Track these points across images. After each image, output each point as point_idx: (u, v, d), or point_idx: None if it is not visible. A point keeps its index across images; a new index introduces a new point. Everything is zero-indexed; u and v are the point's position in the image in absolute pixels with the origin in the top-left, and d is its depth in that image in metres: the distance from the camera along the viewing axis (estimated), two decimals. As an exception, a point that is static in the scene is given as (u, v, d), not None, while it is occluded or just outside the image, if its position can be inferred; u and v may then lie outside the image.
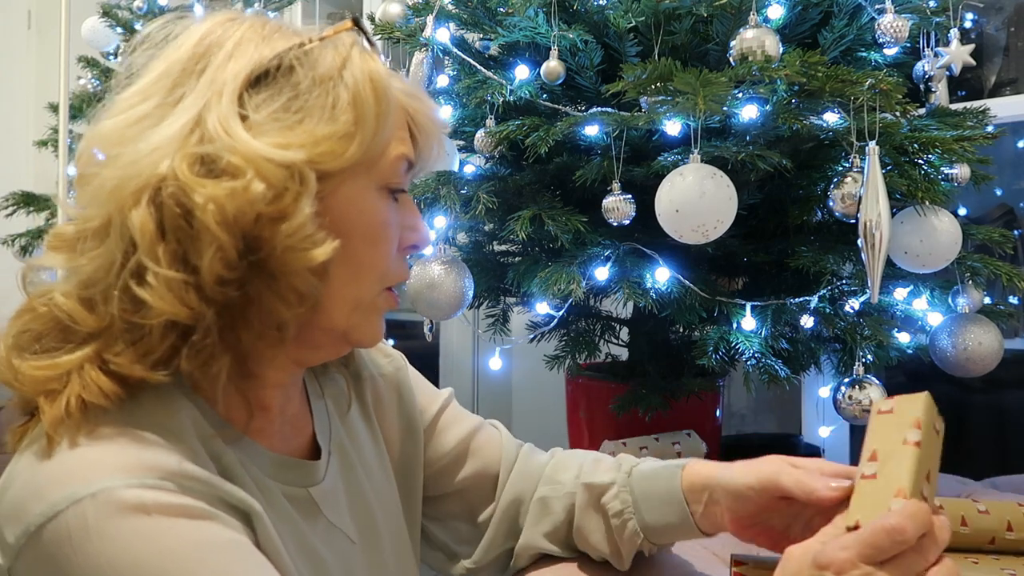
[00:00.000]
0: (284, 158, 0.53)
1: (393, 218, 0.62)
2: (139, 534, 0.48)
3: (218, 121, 0.54)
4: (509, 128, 1.22)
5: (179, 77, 0.57)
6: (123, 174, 0.53)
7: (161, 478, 0.50)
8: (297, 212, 0.53)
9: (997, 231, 1.24)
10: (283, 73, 0.57)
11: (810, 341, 1.33)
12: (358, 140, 0.57)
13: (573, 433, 1.63)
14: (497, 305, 1.56)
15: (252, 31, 0.59)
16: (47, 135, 2.56)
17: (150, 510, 0.48)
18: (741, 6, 1.12)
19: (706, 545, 0.99)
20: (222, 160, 0.53)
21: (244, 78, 0.56)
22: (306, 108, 0.56)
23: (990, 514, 0.97)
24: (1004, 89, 1.77)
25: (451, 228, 1.32)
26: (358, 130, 0.57)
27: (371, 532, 0.70)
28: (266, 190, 0.52)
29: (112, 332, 0.54)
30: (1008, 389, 1.85)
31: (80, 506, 0.48)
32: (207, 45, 0.58)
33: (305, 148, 0.54)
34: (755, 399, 2.23)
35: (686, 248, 1.14)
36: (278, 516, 0.59)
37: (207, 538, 0.50)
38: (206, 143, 0.53)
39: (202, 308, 0.52)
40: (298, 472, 0.64)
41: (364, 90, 0.58)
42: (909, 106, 1.11)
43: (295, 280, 0.54)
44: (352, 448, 0.72)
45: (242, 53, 0.57)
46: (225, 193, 0.52)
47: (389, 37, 1.37)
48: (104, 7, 2.27)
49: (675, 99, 1.03)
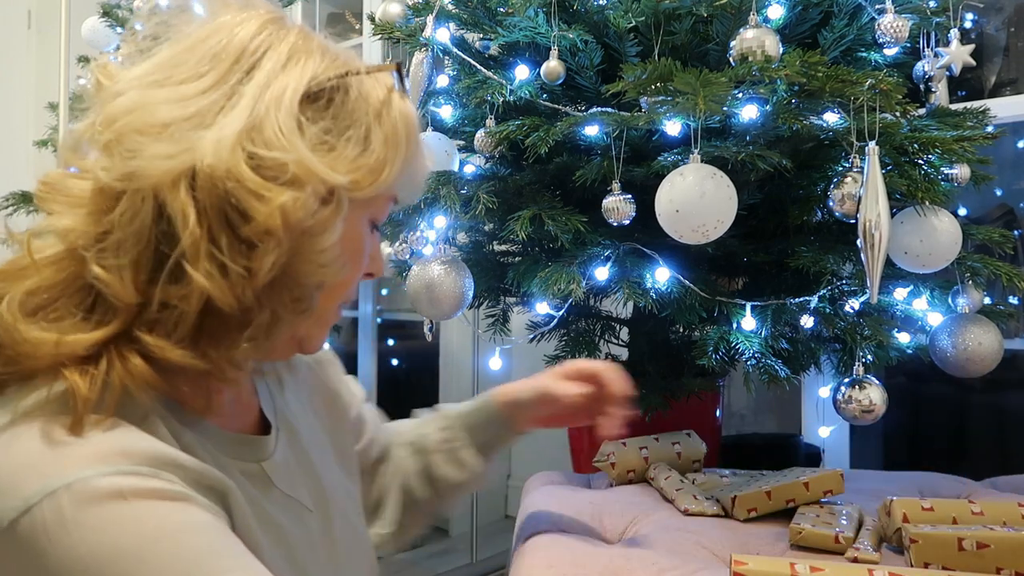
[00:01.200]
0: (333, 179, 0.57)
1: (369, 248, 0.66)
2: (117, 521, 0.48)
3: (280, 129, 0.56)
4: (509, 128, 1.23)
5: (229, 70, 0.58)
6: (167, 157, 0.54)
7: (136, 463, 0.50)
8: (332, 231, 0.57)
9: (997, 231, 1.24)
10: (330, 97, 0.60)
11: (810, 341, 1.33)
12: (383, 176, 0.60)
13: (573, 433, 1.63)
14: (497, 305, 1.56)
15: (301, 42, 0.61)
16: (47, 135, 2.56)
17: (127, 495, 0.48)
18: (741, 6, 1.12)
19: (706, 545, 0.99)
20: (287, 170, 0.55)
21: (304, 91, 0.58)
22: (346, 135, 0.59)
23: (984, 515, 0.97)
24: (1004, 89, 1.77)
25: (451, 228, 1.32)
26: (385, 167, 0.61)
27: (323, 500, 0.73)
28: (320, 207, 0.56)
29: (149, 310, 0.54)
30: (1008, 389, 1.85)
31: (55, 498, 0.48)
32: (258, 44, 0.59)
33: (344, 174, 0.58)
34: (755, 399, 2.23)
35: (686, 248, 1.14)
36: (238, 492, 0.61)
37: (184, 521, 0.50)
38: (267, 148, 0.55)
39: (253, 303, 0.55)
40: (251, 448, 0.66)
41: (399, 132, 0.62)
42: (909, 106, 1.11)
43: (303, 292, 0.58)
44: (295, 422, 0.75)
45: (297, 64, 0.59)
46: (291, 201, 0.54)
47: (389, 37, 1.37)
48: (104, 7, 2.27)
49: (675, 99, 1.03)
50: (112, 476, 0.49)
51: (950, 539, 0.86)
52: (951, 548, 0.86)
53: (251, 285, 0.54)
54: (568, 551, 0.96)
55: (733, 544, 1.01)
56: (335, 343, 2.89)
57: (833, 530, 0.98)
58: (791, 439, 1.89)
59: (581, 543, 1.00)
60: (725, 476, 1.26)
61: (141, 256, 0.54)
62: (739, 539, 1.02)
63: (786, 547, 1.00)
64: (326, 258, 0.57)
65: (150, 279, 0.54)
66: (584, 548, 0.98)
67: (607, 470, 1.28)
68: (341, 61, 0.62)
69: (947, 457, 1.94)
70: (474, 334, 2.15)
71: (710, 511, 1.10)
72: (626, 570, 0.91)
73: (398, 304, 2.89)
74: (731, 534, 1.03)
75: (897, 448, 1.98)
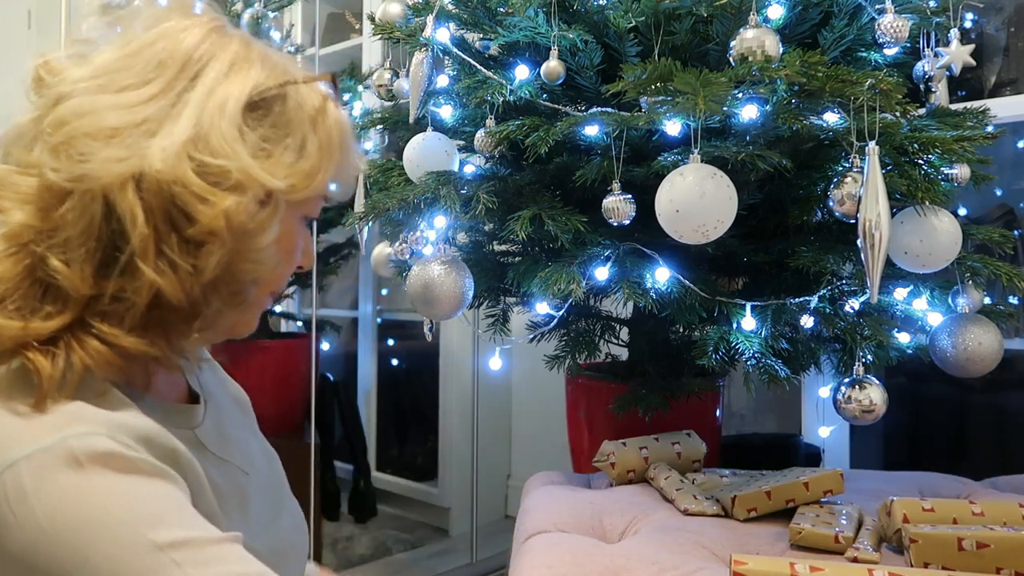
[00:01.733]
0: (272, 184, 0.61)
1: (301, 242, 0.71)
2: (72, 490, 0.51)
3: (224, 137, 0.60)
4: (509, 128, 1.22)
5: (175, 77, 0.62)
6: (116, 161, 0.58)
7: (93, 427, 0.54)
8: (269, 231, 0.62)
9: (997, 231, 1.24)
10: (275, 103, 0.64)
11: (810, 341, 1.33)
12: (317, 180, 0.65)
13: (573, 433, 1.63)
14: (497, 305, 1.56)
15: (243, 50, 0.65)
16: (47, 135, 2.56)
17: (83, 463, 0.52)
18: (741, 6, 1.12)
19: (706, 545, 0.99)
20: (231, 176, 0.59)
21: (246, 99, 0.62)
22: (284, 142, 0.64)
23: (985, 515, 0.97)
24: (1004, 89, 1.77)
25: (451, 228, 1.32)
26: (319, 172, 0.65)
27: (253, 465, 0.77)
28: (259, 209, 0.61)
29: (101, 301, 0.59)
30: (1008, 389, 1.85)
31: (15, 469, 0.51)
32: (201, 53, 0.63)
33: (282, 179, 0.62)
34: (755, 399, 2.23)
35: (686, 248, 1.14)
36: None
37: (138, 488, 0.53)
38: (212, 155, 0.59)
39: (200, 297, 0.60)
40: (184, 415, 0.70)
41: (333, 138, 0.66)
42: (909, 106, 1.11)
43: (240, 286, 0.63)
44: (216, 394, 0.80)
45: (240, 72, 0.63)
46: (234, 205, 0.59)
47: (389, 37, 1.37)
48: (104, 7, 2.27)
49: (675, 99, 1.03)
50: (70, 441, 0.53)
51: (950, 539, 0.86)
52: (951, 548, 0.86)
53: (198, 281, 0.59)
54: (568, 551, 0.96)
55: (733, 544, 1.01)
56: (335, 343, 2.89)
57: (833, 530, 0.98)
58: (791, 439, 1.89)
59: (581, 543, 1.00)
60: (725, 476, 1.26)
61: (92, 251, 0.58)
62: (739, 539, 1.02)
63: (786, 547, 1.00)
64: (263, 256, 0.62)
65: (101, 273, 0.59)
66: (584, 548, 0.98)
67: (607, 470, 1.28)
68: (280, 70, 0.66)
69: (947, 457, 1.94)
70: (474, 334, 2.15)
71: (710, 511, 1.10)
72: (626, 570, 0.91)
73: (398, 304, 2.89)
74: (731, 534, 1.03)
75: (897, 448, 1.98)
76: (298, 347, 2.43)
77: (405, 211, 1.33)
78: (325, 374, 2.66)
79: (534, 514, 1.12)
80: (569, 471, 1.47)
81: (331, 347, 2.79)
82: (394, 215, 1.34)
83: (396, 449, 2.81)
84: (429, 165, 1.32)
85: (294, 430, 2.46)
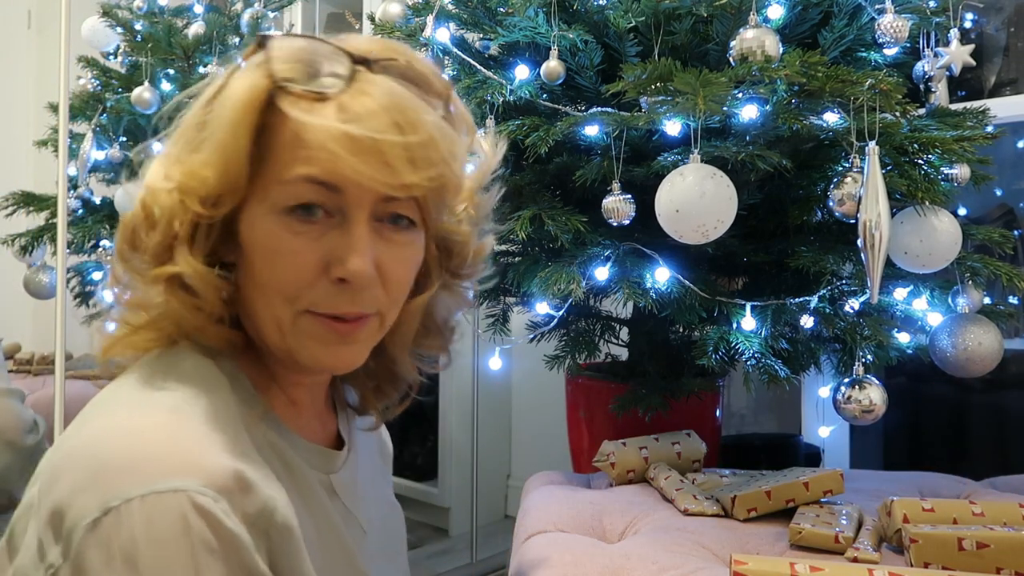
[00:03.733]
0: (164, 187, 0.60)
1: (301, 245, 0.58)
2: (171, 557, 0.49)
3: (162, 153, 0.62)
4: (509, 128, 1.22)
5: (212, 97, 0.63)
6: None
7: (219, 490, 0.52)
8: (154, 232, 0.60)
9: (997, 231, 1.24)
10: (186, 105, 0.63)
11: (810, 341, 1.33)
12: (216, 168, 0.58)
13: (573, 433, 1.63)
14: (497, 305, 1.56)
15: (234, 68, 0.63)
16: (47, 135, 2.55)
17: (191, 526, 0.50)
18: (741, 6, 1.12)
19: (706, 545, 0.99)
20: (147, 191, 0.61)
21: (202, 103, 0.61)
22: (185, 138, 0.61)
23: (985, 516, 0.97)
24: (1004, 89, 1.77)
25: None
26: (217, 158, 0.57)
27: (377, 530, 0.75)
28: (144, 215, 0.60)
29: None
30: (1008, 389, 1.85)
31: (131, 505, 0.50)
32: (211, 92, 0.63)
33: (176, 179, 0.59)
34: (755, 399, 2.23)
35: (686, 248, 1.14)
36: (310, 498, 0.64)
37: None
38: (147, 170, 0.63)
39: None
40: (322, 458, 0.68)
41: (221, 117, 0.58)
42: (909, 106, 1.11)
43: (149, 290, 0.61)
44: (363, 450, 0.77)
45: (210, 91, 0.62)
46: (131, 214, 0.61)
47: (389, 37, 1.37)
48: (104, 7, 2.27)
49: (675, 99, 1.03)
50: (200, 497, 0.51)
51: (950, 539, 0.86)
52: (951, 548, 0.86)
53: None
54: (568, 551, 0.96)
55: (733, 544, 1.01)
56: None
57: (833, 530, 0.98)
58: (791, 439, 1.89)
59: (581, 543, 1.00)
60: (725, 476, 1.26)
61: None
62: (739, 539, 1.02)
63: (786, 547, 1.00)
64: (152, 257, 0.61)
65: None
66: (584, 548, 0.98)
67: (607, 470, 1.28)
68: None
69: (947, 457, 1.94)
70: (474, 334, 2.15)
71: (710, 511, 1.10)
72: (626, 570, 0.91)
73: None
74: (731, 534, 1.03)
75: (897, 448, 1.98)
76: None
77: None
78: (325, 374, 2.66)
79: (534, 514, 1.12)
80: (569, 471, 1.47)
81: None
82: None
83: (396, 449, 2.80)
84: (429, 165, 1.32)
85: (294, 430, 2.45)
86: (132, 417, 0.55)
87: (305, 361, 0.62)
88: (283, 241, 0.58)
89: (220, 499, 0.51)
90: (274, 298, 0.60)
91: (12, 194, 2.46)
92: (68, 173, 1.91)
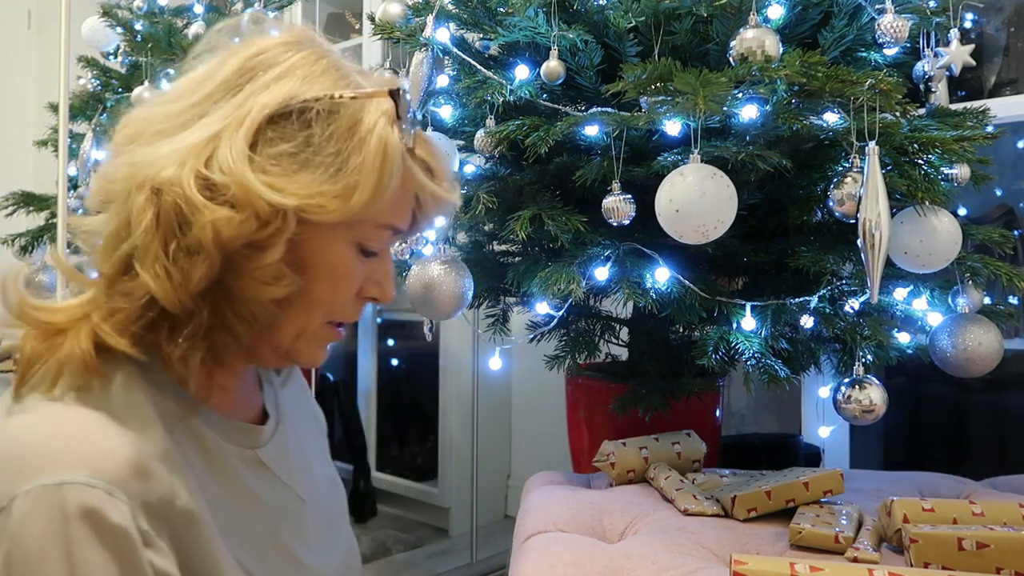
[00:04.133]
0: (276, 201, 0.59)
1: (359, 269, 0.66)
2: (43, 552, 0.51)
3: (230, 152, 0.59)
4: (509, 128, 1.22)
5: (215, 89, 0.62)
6: (135, 167, 0.59)
7: (111, 480, 0.53)
8: (272, 250, 0.59)
9: (997, 231, 1.24)
10: (305, 119, 0.61)
11: (810, 341, 1.33)
12: (351, 203, 0.61)
13: (573, 433, 1.63)
14: (497, 305, 1.56)
15: (303, 63, 0.63)
16: (47, 135, 2.56)
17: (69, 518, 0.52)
18: (741, 6, 1.12)
19: (706, 545, 0.99)
20: (229, 191, 0.58)
21: (267, 115, 0.60)
22: (313, 159, 0.60)
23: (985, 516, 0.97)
24: (1004, 89, 1.77)
25: (451, 228, 1.32)
26: (354, 195, 0.61)
27: (316, 496, 0.76)
28: (258, 226, 0.59)
29: (109, 298, 0.60)
30: (1008, 389, 1.85)
31: (27, 497, 0.52)
32: (253, 66, 0.63)
33: (298, 197, 0.59)
34: (755, 399, 2.23)
35: (686, 248, 1.14)
36: (229, 476, 0.65)
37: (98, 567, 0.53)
38: (214, 169, 0.59)
39: (195, 307, 0.59)
40: (246, 435, 0.70)
41: (374, 162, 0.61)
42: (909, 106, 1.11)
43: (252, 305, 0.61)
44: (292, 419, 0.79)
45: (279, 85, 0.61)
46: (224, 220, 0.58)
47: (389, 37, 1.37)
48: (104, 7, 2.27)
49: (675, 99, 1.03)
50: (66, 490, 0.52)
51: (950, 539, 0.86)
52: (951, 548, 0.86)
53: (187, 290, 0.58)
54: (568, 551, 0.96)
55: (733, 544, 1.01)
56: (335, 343, 2.89)
57: (833, 530, 0.98)
58: (791, 439, 1.89)
59: (581, 543, 1.00)
60: (725, 476, 1.26)
61: (108, 248, 0.60)
62: (739, 539, 1.02)
63: (786, 547, 1.00)
64: (266, 275, 0.60)
65: (115, 271, 0.60)
66: (584, 548, 0.98)
67: (607, 470, 1.28)
68: (333, 84, 0.63)
69: (947, 457, 1.94)
70: (474, 334, 2.15)
71: (710, 511, 1.10)
72: (626, 570, 0.91)
73: (398, 304, 2.89)
74: (731, 534, 1.03)
75: (897, 448, 1.98)
76: (298, 347, 2.43)
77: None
78: (325, 374, 2.66)
79: (534, 514, 1.12)
80: (569, 471, 1.47)
81: (331, 347, 2.78)
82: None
83: (396, 449, 2.81)
84: (429, 165, 1.32)
85: (294, 430, 2.45)
86: (22, 415, 0.57)
87: (301, 360, 0.69)
88: (352, 267, 0.66)
89: (114, 489, 0.53)
90: (316, 311, 0.66)
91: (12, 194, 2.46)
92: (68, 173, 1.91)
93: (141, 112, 0.63)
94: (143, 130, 0.62)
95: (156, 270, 0.58)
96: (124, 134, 0.62)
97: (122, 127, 0.63)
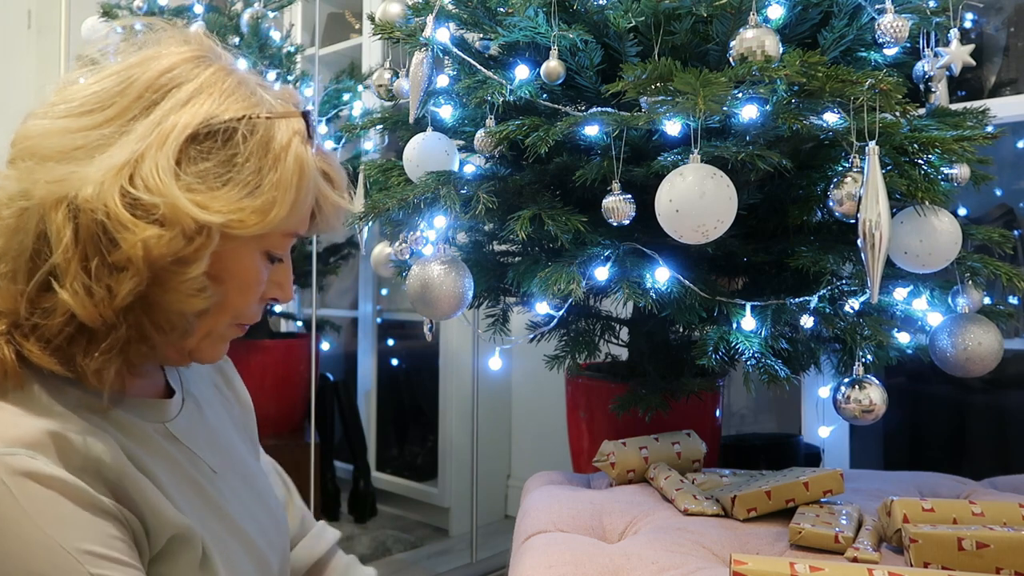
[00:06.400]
0: (203, 219, 0.61)
1: (265, 275, 0.71)
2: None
3: (156, 169, 0.60)
4: (509, 128, 1.22)
5: (131, 103, 0.63)
6: (52, 182, 0.60)
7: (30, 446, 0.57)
8: (197, 264, 0.62)
9: (997, 231, 1.24)
10: (225, 137, 0.64)
11: (810, 341, 1.33)
12: (269, 218, 0.64)
13: (573, 433, 1.63)
14: (497, 305, 1.56)
15: (214, 79, 0.65)
16: (47, 135, 2.56)
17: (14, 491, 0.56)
18: (741, 6, 1.12)
19: (706, 545, 0.99)
20: (158, 209, 0.60)
21: (190, 133, 0.62)
22: (234, 177, 0.63)
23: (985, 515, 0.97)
24: (1004, 89, 1.77)
25: (451, 228, 1.32)
26: (272, 210, 0.64)
27: (229, 468, 0.78)
28: (185, 243, 0.61)
29: (28, 316, 0.61)
30: (1008, 389, 1.85)
31: None
32: (164, 83, 0.64)
33: (222, 214, 0.62)
34: (755, 399, 2.23)
35: (686, 248, 1.14)
36: (149, 444, 0.68)
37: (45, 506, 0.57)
38: (139, 188, 0.60)
39: (116, 321, 0.61)
40: (156, 410, 0.73)
41: (291, 179, 0.66)
42: (909, 106, 1.11)
43: (173, 316, 0.64)
44: (200, 394, 0.82)
45: (196, 104, 0.63)
46: (155, 238, 0.60)
47: (389, 37, 1.37)
48: (104, 7, 2.27)
49: (675, 99, 1.03)
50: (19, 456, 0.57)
51: (950, 539, 0.86)
52: (951, 548, 0.86)
53: (111, 305, 0.60)
54: (568, 551, 0.96)
55: (733, 544, 1.01)
56: (335, 343, 2.89)
57: (833, 530, 0.98)
58: (791, 439, 1.89)
59: (581, 543, 1.00)
60: (725, 476, 1.26)
61: (23, 266, 0.61)
62: (739, 539, 1.02)
63: (786, 547, 1.00)
64: (191, 287, 0.63)
65: (26, 289, 0.62)
66: (584, 548, 0.98)
67: (607, 470, 1.28)
68: (247, 103, 0.65)
69: (947, 457, 1.94)
70: (474, 334, 2.15)
71: (710, 511, 1.10)
72: (626, 570, 0.91)
73: (398, 304, 2.89)
74: (731, 534, 1.03)
75: (897, 448, 1.98)
76: (298, 347, 2.44)
77: (405, 211, 1.33)
78: (325, 374, 2.66)
79: (534, 514, 1.12)
80: (569, 471, 1.47)
81: (331, 347, 2.79)
82: (394, 215, 1.34)
83: (396, 449, 2.81)
84: (429, 165, 1.32)
85: (294, 430, 2.46)
86: None
87: (203, 359, 0.73)
88: (260, 274, 0.70)
89: (34, 453, 0.57)
90: (226, 316, 0.70)
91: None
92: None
93: (38, 126, 0.63)
94: (45, 144, 0.62)
95: (75, 288, 0.60)
96: (23, 148, 0.63)
97: (19, 141, 0.63)
